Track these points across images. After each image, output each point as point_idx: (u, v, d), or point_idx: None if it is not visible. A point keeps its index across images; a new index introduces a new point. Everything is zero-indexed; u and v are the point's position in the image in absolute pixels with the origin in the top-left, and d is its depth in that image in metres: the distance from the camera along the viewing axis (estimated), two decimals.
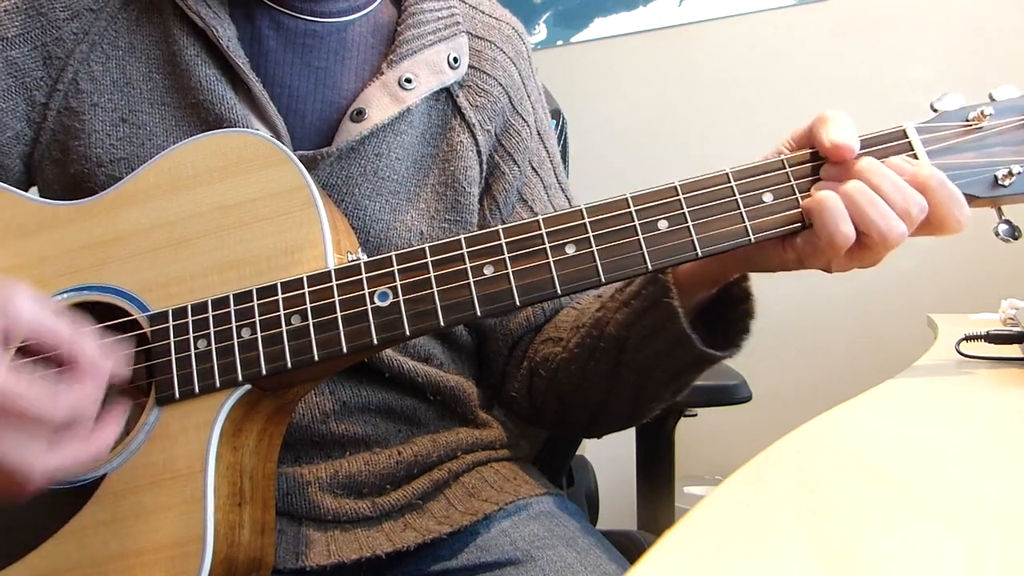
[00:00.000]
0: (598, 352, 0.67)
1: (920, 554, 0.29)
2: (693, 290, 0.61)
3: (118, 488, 0.53)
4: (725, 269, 0.60)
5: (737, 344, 0.62)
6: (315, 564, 0.62)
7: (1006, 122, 0.55)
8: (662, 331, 0.61)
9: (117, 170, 0.66)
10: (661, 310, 0.60)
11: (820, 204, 0.52)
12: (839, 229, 0.51)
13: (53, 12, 0.69)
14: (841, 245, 0.52)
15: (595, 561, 0.64)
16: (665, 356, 0.63)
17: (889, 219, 0.51)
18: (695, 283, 0.61)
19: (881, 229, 0.51)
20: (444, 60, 0.73)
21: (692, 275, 0.61)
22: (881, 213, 0.51)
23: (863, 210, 0.51)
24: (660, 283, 0.60)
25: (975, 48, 1.70)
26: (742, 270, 0.61)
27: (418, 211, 0.72)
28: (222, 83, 0.67)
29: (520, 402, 0.77)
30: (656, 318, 0.61)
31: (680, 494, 1.67)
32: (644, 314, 0.62)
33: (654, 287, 0.61)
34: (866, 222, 0.51)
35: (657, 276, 0.61)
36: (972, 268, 1.65)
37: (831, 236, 0.52)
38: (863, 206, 0.51)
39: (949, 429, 0.47)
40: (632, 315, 0.63)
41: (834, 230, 0.52)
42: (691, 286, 0.61)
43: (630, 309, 0.63)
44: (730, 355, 0.62)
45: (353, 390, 0.68)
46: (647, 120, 2.00)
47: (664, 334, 0.61)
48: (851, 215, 0.52)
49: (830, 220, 0.52)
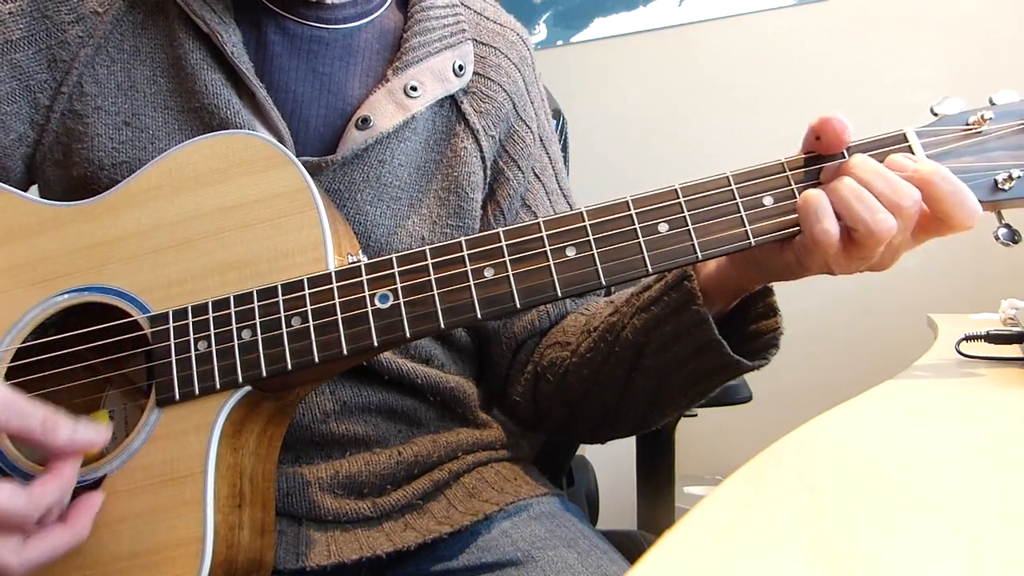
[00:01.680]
0: (612, 357, 0.67)
1: (920, 554, 0.29)
2: (713, 299, 0.61)
3: (118, 489, 0.53)
4: (745, 278, 0.60)
5: (766, 357, 0.61)
6: (315, 564, 0.62)
7: (1006, 126, 0.55)
8: (687, 336, 0.61)
9: (119, 173, 0.66)
10: (687, 316, 0.60)
11: (803, 201, 0.53)
12: (820, 225, 0.51)
13: (58, 15, 0.69)
14: (824, 242, 0.52)
15: (595, 561, 0.64)
16: (688, 361, 0.62)
17: (875, 212, 0.51)
18: (716, 293, 0.61)
19: (867, 222, 0.51)
20: (449, 68, 0.73)
21: (713, 284, 0.61)
22: (867, 206, 0.51)
23: (848, 204, 0.51)
24: (686, 290, 0.60)
25: (975, 49, 1.71)
26: (761, 279, 0.60)
27: (420, 217, 0.72)
28: (227, 88, 0.67)
29: (524, 406, 0.77)
30: (680, 324, 0.61)
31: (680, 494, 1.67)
32: (666, 320, 0.62)
33: (677, 293, 0.61)
34: (852, 216, 0.51)
35: (681, 283, 0.60)
36: (972, 268, 1.65)
37: (812, 233, 0.52)
38: (848, 200, 0.51)
39: (949, 429, 0.47)
40: (652, 320, 0.63)
41: (814, 226, 0.52)
42: (712, 295, 0.61)
43: (649, 315, 0.63)
44: (757, 367, 0.62)
45: (354, 390, 0.68)
46: (647, 120, 2.01)
47: (689, 339, 0.61)
48: (837, 210, 0.52)
49: (811, 217, 0.52)
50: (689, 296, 0.60)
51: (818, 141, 0.55)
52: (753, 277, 0.60)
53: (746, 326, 0.63)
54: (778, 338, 0.61)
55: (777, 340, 0.62)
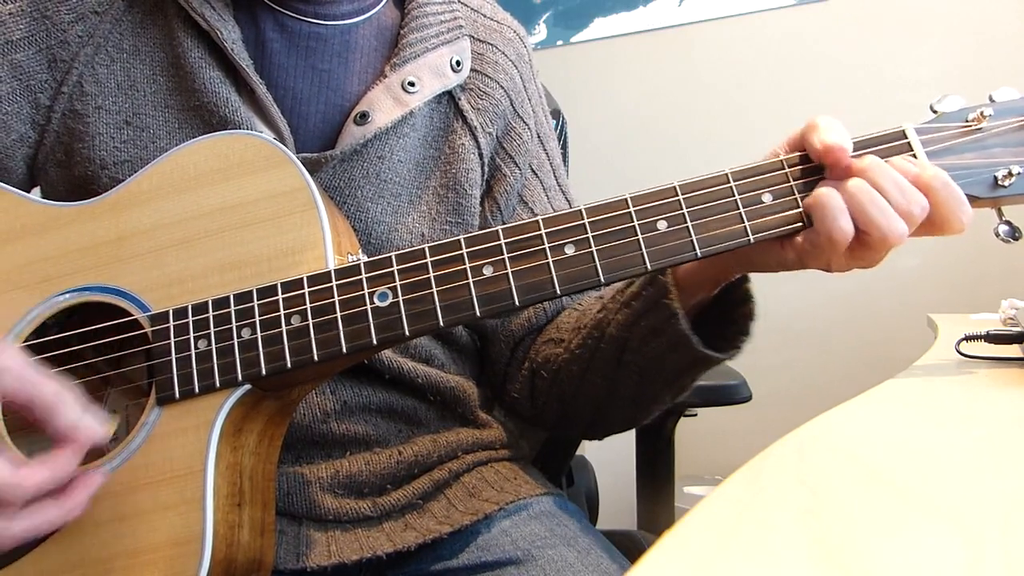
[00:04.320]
0: (599, 353, 0.67)
1: (920, 554, 0.29)
2: (692, 290, 0.61)
3: (118, 488, 0.53)
4: (725, 269, 0.60)
5: (736, 346, 0.62)
6: (316, 564, 0.62)
7: (1006, 123, 0.55)
8: (662, 332, 0.61)
9: (121, 172, 0.66)
10: (661, 311, 0.60)
11: (820, 200, 0.52)
12: (838, 224, 0.51)
13: (58, 15, 0.69)
14: (840, 242, 0.52)
15: (595, 560, 0.64)
16: (665, 357, 0.63)
17: (890, 217, 0.51)
18: (695, 284, 0.61)
19: (882, 227, 0.51)
20: (447, 64, 0.73)
21: (692, 276, 0.61)
22: (882, 211, 0.51)
23: (864, 207, 0.51)
24: (659, 284, 0.60)
25: (975, 49, 1.71)
26: (742, 270, 0.61)
27: (420, 213, 0.72)
28: (226, 85, 0.67)
29: (522, 403, 0.77)
30: (656, 319, 0.61)
31: (680, 494, 1.67)
32: (644, 315, 0.62)
33: (653, 288, 0.61)
34: (866, 220, 0.51)
35: (656, 277, 0.61)
36: (972, 268, 1.65)
37: (830, 232, 0.52)
38: (864, 203, 0.51)
39: (949, 429, 0.47)
40: (632, 316, 0.63)
41: (832, 225, 0.52)
42: (691, 287, 0.61)
43: (631, 310, 0.63)
44: (730, 357, 0.62)
45: (354, 390, 0.68)
46: (647, 120, 2.01)
47: (664, 335, 0.61)
48: (851, 212, 0.52)
49: (829, 215, 0.52)
50: (663, 290, 0.60)
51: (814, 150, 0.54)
52: (735, 269, 0.60)
53: (728, 312, 0.63)
54: (749, 326, 0.62)
55: (748, 328, 0.62)
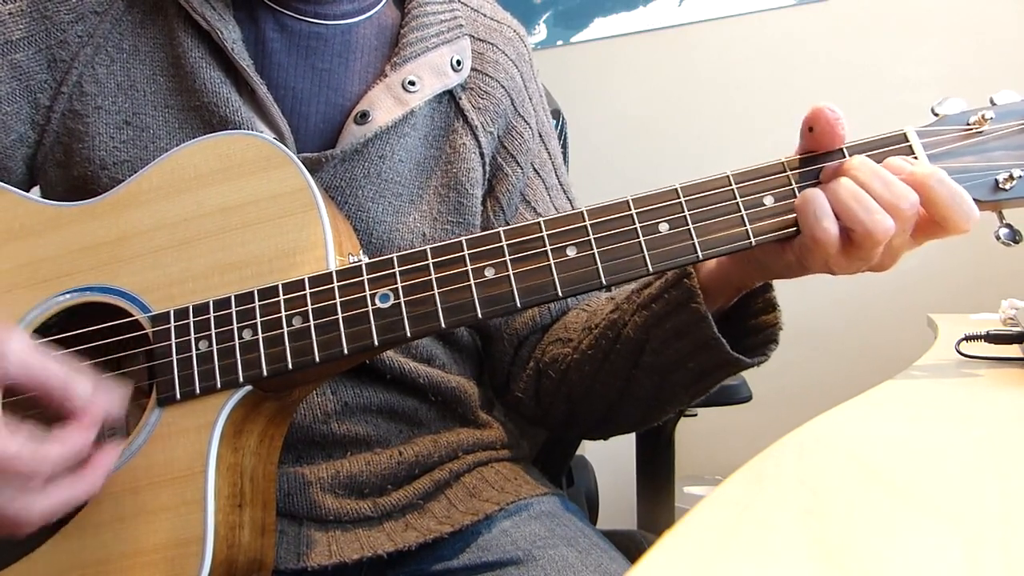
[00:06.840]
0: (613, 354, 0.67)
1: (920, 554, 0.29)
2: (714, 296, 0.61)
3: (118, 488, 0.53)
4: (746, 276, 0.60)
5: (765, 353, 0.62)
6: (316, 564, 0.62)
7: (1007, 126, 0.55)
8: (687, 334, 0.61)
9: (121, 173, 0.66)
10: (686, 314, 0.60)
11: (802, 200, 0.53)
12: (821, 225, 0.51)
13: (58, 15, 0.69)
14: (823, 241, 0.52)
15: (596, 561, 0.64)
16: (689, 359, 0.62)
17: (872, 212, 0.51)
18: (717, 290, 0.61)
19: (864, 223, 0.51)
20: (447, 63, 0.73)
21: (714, 281, 0.61)
22: (865, 207, 0.51)
23: (846, 204, 0.51)
24: (685, 287, 0.60)
25: (976, 50, 1.71)
26: (762, 277, 0.60)
27: (421, 213, 0.72)
28: (226, 85, 0.67)
29: (526, 403, 0.77)
30: (681, 322, 0.61)
31: (680, 494, 1.67)
32: (666, 317, 0.62)
33: (677, 291, 0.61)
34: (849, 217, 0.51)
35: (681, 280, 0.61)
36: (972, 268, 1.65)
37: (812, 232, 0.52)
38: (846, 200, 0.51)
39: (949, 429, 0.47)
40: (653, 318, 0.63)
41: (815, 226, 0.52)
42: (713, 292, 0.61)
43: (650, 312, 0.63)
44: (757, 363, 0.62)
45: (355, 390, 0.68)
46: (647, 120, 2.01)
47: (690, 337, 0.61)
48: (835, 211, 0.52)
49: (811, 216, 0.52)
50: (689, 294, 0.60)
51: (811, 133, 0.54)
52: (754, 275, 0.60)
53: (746, 321, 0.63)
54: (777, 334, 0.62)
55: (776, 336, 0.62)
